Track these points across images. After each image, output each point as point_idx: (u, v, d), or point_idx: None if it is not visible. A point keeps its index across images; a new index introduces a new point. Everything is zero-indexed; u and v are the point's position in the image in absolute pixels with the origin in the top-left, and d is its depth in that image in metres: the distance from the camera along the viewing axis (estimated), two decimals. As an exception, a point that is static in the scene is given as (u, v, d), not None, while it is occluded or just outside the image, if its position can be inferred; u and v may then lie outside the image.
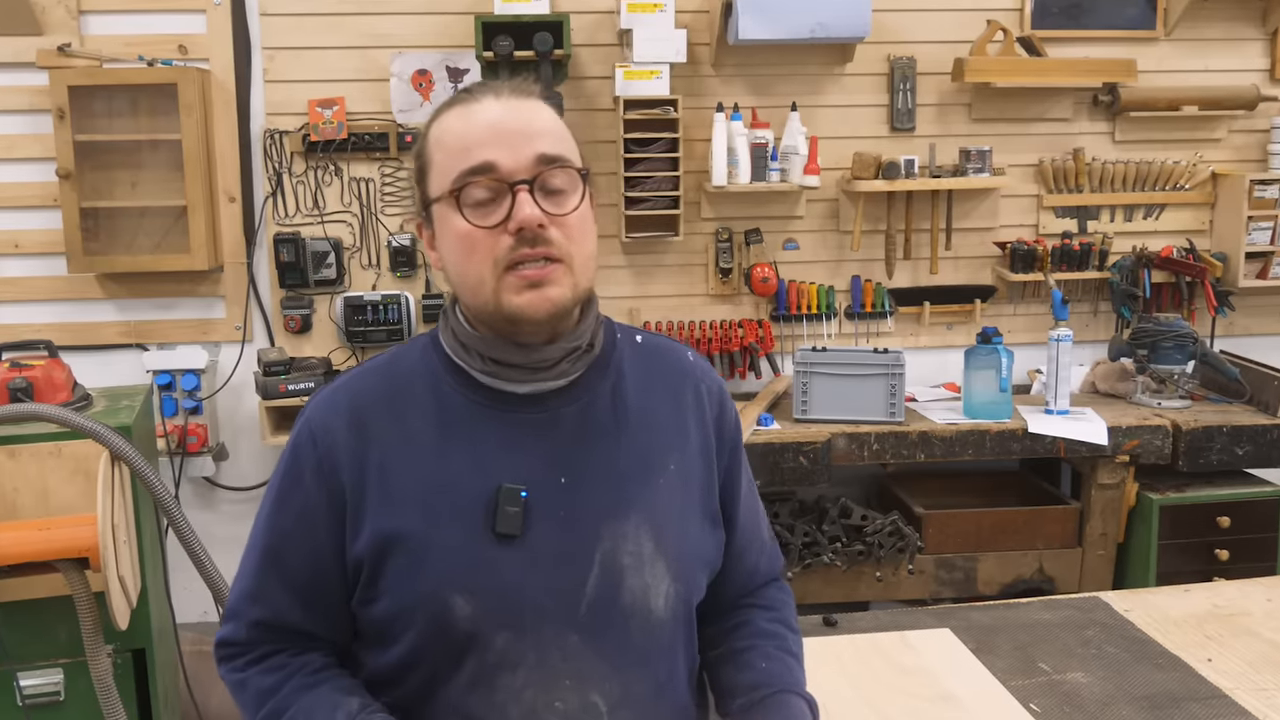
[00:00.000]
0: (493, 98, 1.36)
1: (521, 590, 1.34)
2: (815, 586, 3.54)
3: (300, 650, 1.42)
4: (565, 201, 1.35)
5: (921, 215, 3.97)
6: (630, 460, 1.41)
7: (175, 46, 3.65)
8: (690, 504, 1.45)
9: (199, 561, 2.62)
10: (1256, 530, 3.54)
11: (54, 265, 3.66)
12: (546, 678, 1.35)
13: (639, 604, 1.38)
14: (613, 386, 1.44)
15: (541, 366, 1.37)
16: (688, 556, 1.44)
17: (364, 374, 1.44)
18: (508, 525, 1.33)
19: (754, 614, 1.57)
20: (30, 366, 2.83)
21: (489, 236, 1.31)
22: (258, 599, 1.42)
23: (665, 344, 1.56)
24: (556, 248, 1.32)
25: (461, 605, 1.32)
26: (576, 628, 1.35)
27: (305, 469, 1.38)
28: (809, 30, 3.57)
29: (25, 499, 2.60)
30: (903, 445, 3.50)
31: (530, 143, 1.33)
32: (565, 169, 1.35)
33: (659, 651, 1.42)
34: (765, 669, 1.49)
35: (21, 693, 2.70)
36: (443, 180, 1.35)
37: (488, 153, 1.32)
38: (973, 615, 2.14)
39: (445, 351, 1.42)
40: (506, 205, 1.31)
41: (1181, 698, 1.79)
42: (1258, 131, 4.08)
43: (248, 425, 3.85)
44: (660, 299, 3.95)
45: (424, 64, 3.75)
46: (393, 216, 3.81)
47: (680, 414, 1.48)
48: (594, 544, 1.36)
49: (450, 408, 1.39)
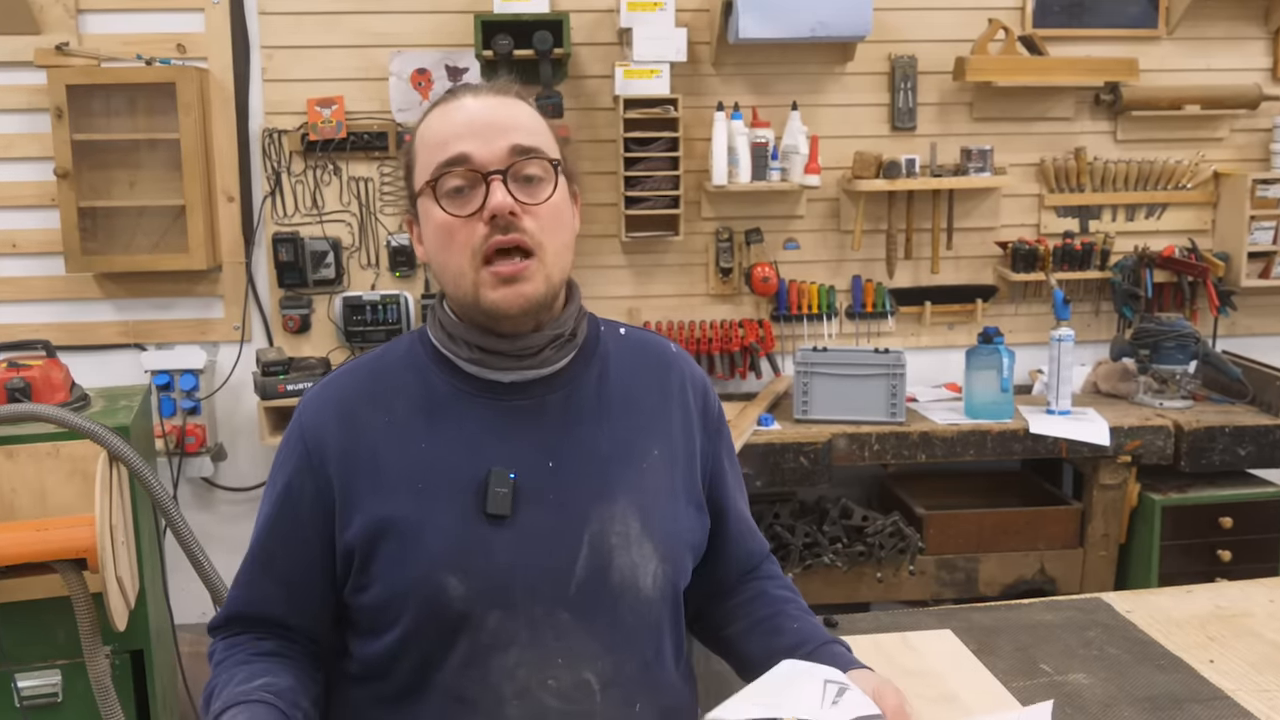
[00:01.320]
0: (471, 97, 1.44)
1: (513, 570, 1.37)
2: (816, 587, 3.53)
3: (265, 635, 1.46)
4: (539, 191, 1.40)
5: (923, 215, 3.96)
6: (616, 445, 1.46)
7: (174, 45, 3.64)
8: (675, 488, 1.50)
9: (197, 562, 2.62)
10: (1259, 531, 3.53)
11: (52, 265, 3.65)
12: (539, 656, 1.37)
13: (628, 582, 1.41)
14: (598, 375, 1.49)
15: (526, 354, 1.42)
16: (673, 538, 1.48)
17: (351, 370, 1.50)
18: (498, 506, 1.37)
19: (764, 584, 1.64)
20: (28, 366, 2.83)
21: (465, 226, 1.37)
22: (245, 588, 1.48)
23: (648, 336, 1.62)
24: (529, 236, 1.37)
25: (455, 585, 1.35)
26: (567, 606, 1.38)
27: (294, 465, 1.44)
28: (809, 29, 3.57)
29: (23, 499, 2.60)
30: (904, 446, 3.49)
31: (504, 135, 1.39)
32: (538, 159, 1.40)
33: (647, 630, 1.45)
34: (798, 629, 1.55)
35: (19, 694, 2.70)
36: (423, 174, 1.41)
37: (463, 145, 1.38)
38: (974, 616, 2.13)
39: (433, 343, 1.47)
40: (481, 194, 1.37)
41: (1183, 699, 1.78)
42: (1260, 131, 4.07)
43: (246, 426, 3.84)
44: (660, 299, 3.94)
45: (423, 63, 3.74)
46: (392, 216, 3.80)
47: (664, 402, 1.53)
48: (582, 525, 1.40)
49: (438, 395, 1.44)
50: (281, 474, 1.45)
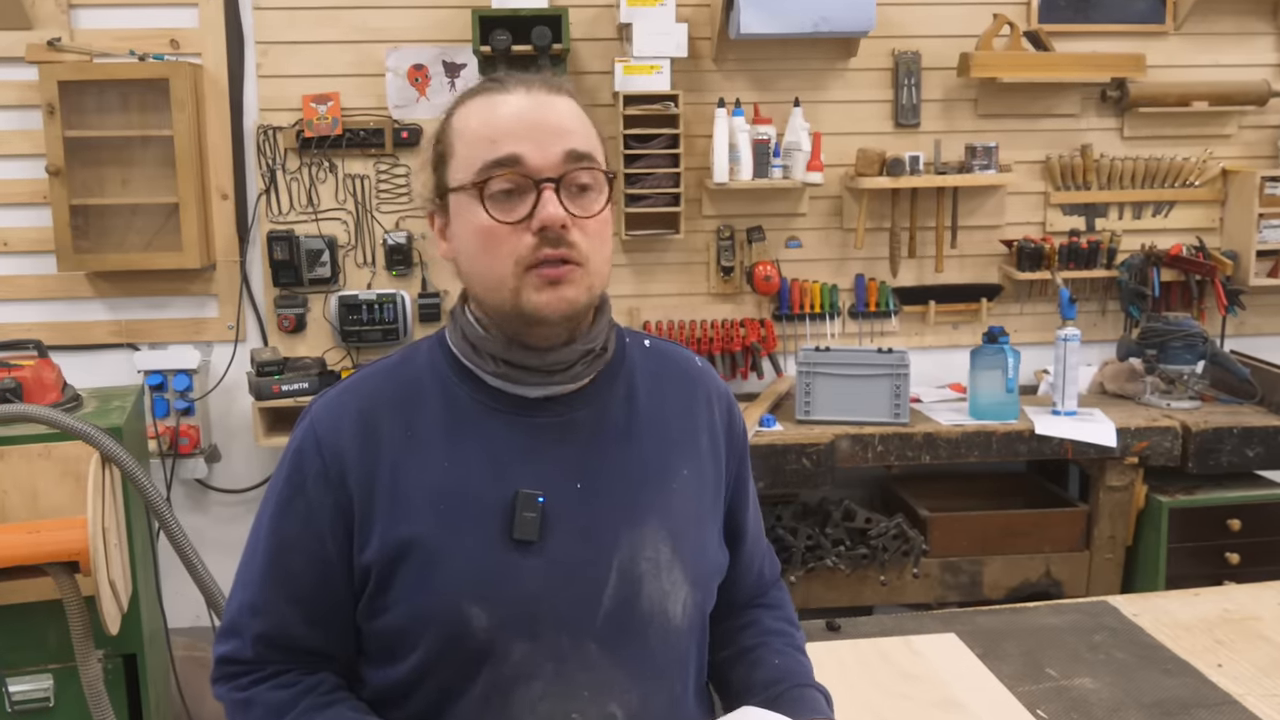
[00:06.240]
0: (523, 90, 1.32)
1: (539, 599, 1.30)
2: (818, 590, 3.52)
3: (310, 670, 1.37)
4: (591, 203, 1.32)
5: (926, 213, 3.93)
6: (645, 465, 1.39)
7: (167, 41, 3.62)
8: (703, 511, 1.44)
9: (191, 565, 2.61)
10: (1268, 533, 3.52)
11: (43, 263, 3.63)
12: (564, 689, 1.32)
13: (657, 611, 1.36)
14: (625, 391, 1.42)
15: (556, 369, 1.35)
16: (703, 563, 1.43)
17: (370, 376, 1.40)
18: (525, 531, 1.30)
19: (760, 613, 1.59)
20: (19, 366, 2.82)
21: (512, 233, 1.28)
22: (260, 612, 1.36)
23: (672, 349, 1.54)
24: (576, 250, 1.29)
25: (479, 615, 1.29)
26: (594, 637, 1.32)
27: (310, 475, 1.33)
28: (812, 24, 3.55)
29: (14, 501, 2.58)
30: (907, 447, 3.46)
31: (559, 139, 1.29)
32: (592, 169, 1.32)
33: (675, 661, 1.41)
34: (779, 665, 1.50)
35: (10, 699, 2.69)
36: (465, 170, 1.31)
37: (515, 145, 1.28)
38: (979, 619, 2.12)
39: (453, 353, 1.39)
40: (530, 201, 1.28)
41: (1191, 704, 1.77)
42: (1269, 127, 4.05)
43: (240, 426, 3.81)
44: (661, 298, 3.92)
45: (420, 59, 3.71)
46: (388, 214, 3.77)
47: (691, 420, 1.46)
48: (612, 551, 1.34)
49: (460, 410, 1.36)
50: (294, 487, 1.34)
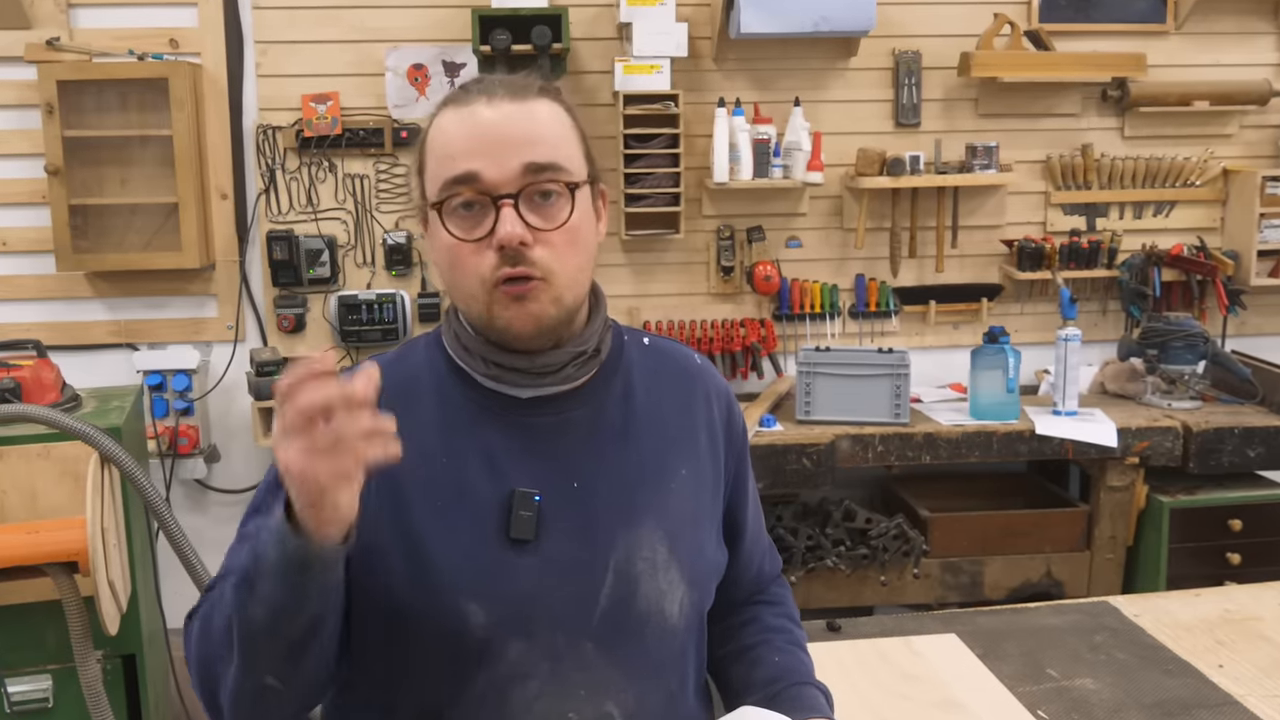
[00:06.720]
0: (484, 100, 1.30)
1: (535, 598, 1.30)
2: (818, 591, 3.51)
3: None
4: (554, 213, 1.29)
5: (927, 212, 3.92)
6: (642, 465, 1.39)
7: (166, 40, 3.61)
8: (701, 510, 1.44)
9: (190, 565, 2.61)
10: (1269, 534, 3.51)
11: (42, 263, 3.62)
12: (560, 688, 1.31)
13: (654, 611, 1.35)
14: (622, 390, 1.42)
15: (547, 371, 1.34)
16: (701, 563, 1.42)
17: None
18: (521, 530, 1.30)
19: (760, 610, 1.58)
20: (18, 366, 2.83)
21: (475, 251, 1.28)
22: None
23: (671, 346, 1.54)
24: (538, 266, 1.27)
25: (475, 613, 1.28)
26: (590, 636, 1.32)
27: None
28: (812, 24, 3.54)
29: (13, 501, 2.59)
30: (908, 447, 3.45)
31: (518, 152, 1.27)
32: (554, 180, 1.29)
33: (672, 660, 1.40)
34: (779, 663, 1.49)
35: (9, 699, 2.70)
36: (432, 185, 1.32)
37: (470, 162, 1.27)
38: (979, 620, 2.12)
39: (448, 352, 1.39)
40: (491, 216, 1.27)
41: (1192, 704, 1.77)
42: (1270, 127, 4.03)
43: (240, 426, 3.81)
44: (661, 298, 3.91)
45: (420, 58, 3.70)
46: (388, 214, 3.76)
47: (690, 418, 1.46)
48: (608, 551, 1.33)
49: (456, 409, 1.36)
50: None
